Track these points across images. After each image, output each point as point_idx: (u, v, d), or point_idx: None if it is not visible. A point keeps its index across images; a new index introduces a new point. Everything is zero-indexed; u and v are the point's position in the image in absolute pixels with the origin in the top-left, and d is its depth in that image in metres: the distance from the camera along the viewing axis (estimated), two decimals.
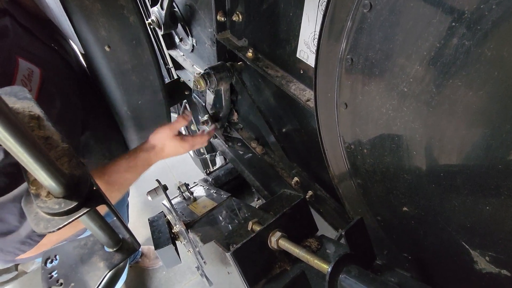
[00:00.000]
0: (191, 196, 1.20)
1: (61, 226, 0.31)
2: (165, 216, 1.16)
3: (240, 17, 0.87)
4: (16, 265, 1.86)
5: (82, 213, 0.32)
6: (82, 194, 0.32)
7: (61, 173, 0.30)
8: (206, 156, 1.71)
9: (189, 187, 1.25)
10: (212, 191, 1.22)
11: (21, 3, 1.01)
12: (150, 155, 1.04)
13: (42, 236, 0.84)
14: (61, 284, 0.42)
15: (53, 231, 0.30)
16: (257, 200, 1.44)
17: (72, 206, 0.31)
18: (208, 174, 1.44)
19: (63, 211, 0.31)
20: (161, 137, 1.05)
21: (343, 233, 0.51)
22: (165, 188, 0.99)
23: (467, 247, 0.46)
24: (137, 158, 1.02)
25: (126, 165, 1.00)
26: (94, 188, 0.34)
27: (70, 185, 0.32)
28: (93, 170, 0.99)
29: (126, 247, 0.45)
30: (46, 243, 0.86)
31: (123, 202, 1.73)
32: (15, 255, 0.85)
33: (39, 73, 0.89)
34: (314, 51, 0.68)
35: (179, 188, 1.20)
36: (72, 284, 0.42)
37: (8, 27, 0.88)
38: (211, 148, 1.68)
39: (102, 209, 0.38)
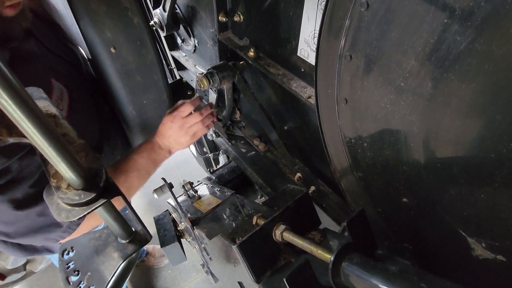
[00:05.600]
0: (196, 194, 1.22)
1: (81, 215, 0.33)
2: (170, 215, 1.17)
3: (241, 17, 0.89)
4: (24, 265, 1.89)
5: (100, 203, 0.34)
6: (99, 186, 0.34)
7: (80, 167, 0.32)
8: (209, 155, 1.73)
9: (194, 186, 1.27)
10: (216, 189, 1.24)
11: (34, 11, 1.04)
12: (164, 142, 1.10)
13: (79, 224, 0.93)
14: (78, 273, 0.45)
15: (74, 221, 0.32)
16: (260, 198, 1.46)
17: (91, 197, 0.33)
18: (211, 173, 1.46)
19: (82, 202, 0.33)
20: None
21: (345, 224, 0.53)
22: (170, 186, 1.01)
23: (464, 235, 0.48)
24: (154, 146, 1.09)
25: (142, 155, 1.06)
26: (110, 181, 0.36)
27: (88, 177, 0.34)
28: (114, 163, 1.05)
29: (139, 238, 0.48)
30: (84, 229, 0.96)
31: None
32: (57, 241, 0.95)
33: (67, 92, 0.94)
34: (314, 49, 0.70)
35: (183, 186, 1.22)
36: (89, 273, 0.44)
37: (35, 49, 0.92)
38: (214, 147, 1.70)
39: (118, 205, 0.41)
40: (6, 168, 0.77)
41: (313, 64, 0.72)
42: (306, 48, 0.73)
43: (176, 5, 1.16)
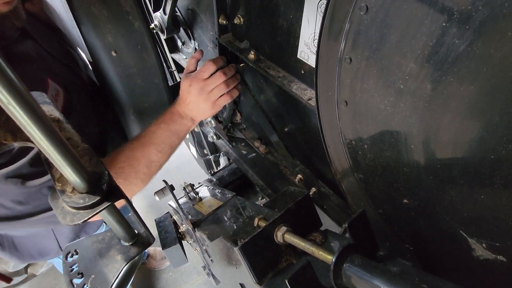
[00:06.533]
0: (197, 196, 1.22)
1: (86, 218, 0.33)
2: (171, 217, 1.18)
3: (242, 20, 0.90)
4: (26, 268, 1.89)
5: (104, 206, 0.34)
6: (103, 189, 0.35)
7: (84, 170, 0.33)
8: (210, 157, 1.73)
9: (194, 188, 1.27)
10: (217, 191, 1.24)
11: (34, 15, 1.04)
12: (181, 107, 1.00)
13: None
14: (82, 276, 0.45)
15: (79, 224, 0.33)
16: (261, 199, 1.46)
17: (95, 200, 0.34)
18: (212, 175, 1.46)
19: (87, 205, 0.34)
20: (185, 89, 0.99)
21: (346, 225, 0.53)
22: (172, 188, 1.01)
23: (464, 235, 0.48)
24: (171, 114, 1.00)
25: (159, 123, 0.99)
26: (113, 184, 0.36)
27: (92, 181, 0.34)
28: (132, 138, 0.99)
29: (141, 240, 0.48)
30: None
31: None
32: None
33: (62, 93, 0.94)
34: (314, 51, 0.70)
35: (184, 188, 1.22)
36: (92, 276, 0.44)
37: (32, 50, 0.92)
38: (214, 149, 1.70)
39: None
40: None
41: (313, 66, 0.73)
42: (306, 51, 0.74)
43: (176, 8, 1.16)
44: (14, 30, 0.86)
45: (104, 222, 1.26)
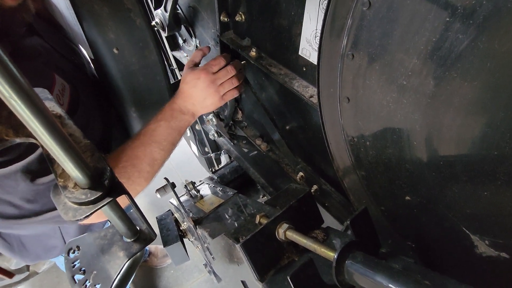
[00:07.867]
0: (198, 194, 1.22)
1: (88, 214, 0.33)
2: (173, 214, 1.18)
3: (243, 17, 0.90)
4: (28, 266, 1.90)
5: (106, 202, 0.35)
6: (105, 185, 0.35)
7: (86, 166, 0.33)
8: (211, 154, 1.73)
9: (196, 185, 1.27)
10: (218, 189, 1.24)
11: (37, 12, 1.05)
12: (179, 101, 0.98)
13: None
14: (84, 272, 0.45)
15: (81, 219, 0.33)
16: (262, 197, 1.46)
17: (97, 196, 0.34)
18: (213, 173, 1.46)
19: (89, 201, 0.34)
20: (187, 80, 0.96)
21: (348, 222, 0.53)
22: (173, 185, 1.01)
23: (467, 232, 0.48)
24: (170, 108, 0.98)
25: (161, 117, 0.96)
26: (115, 180, 0.37)
27: (94, 177, 0.34)
28: (131, 137, 0.97)
29: (143, 237, 0.48)
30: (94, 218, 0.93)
31: None
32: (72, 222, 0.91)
33: (68, 89, 0.93)
34: (316, 48, 0.70)
35: (186, 186, 1.22)
36: (94, 272, 0.45)
37: (38, 45, 0.92)
38: (215, 147, 1.71)
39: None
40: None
41: (315, 63, 0.72)
42: (308, 48, 0.73)
43: (177, 6, 1.16)
44: (22, 25, 0.86)
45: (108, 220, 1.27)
